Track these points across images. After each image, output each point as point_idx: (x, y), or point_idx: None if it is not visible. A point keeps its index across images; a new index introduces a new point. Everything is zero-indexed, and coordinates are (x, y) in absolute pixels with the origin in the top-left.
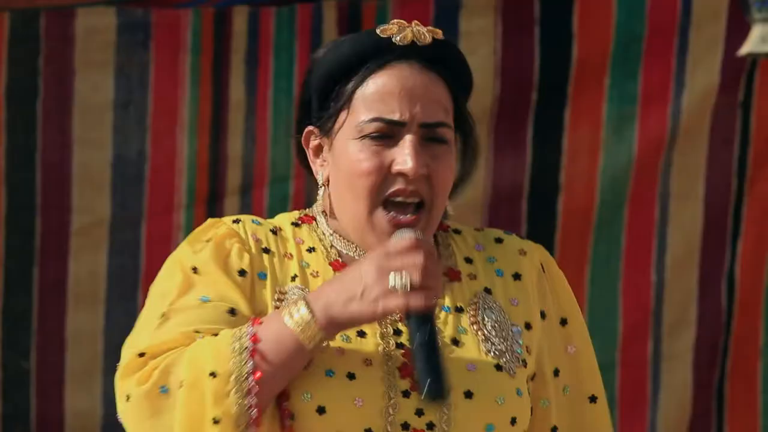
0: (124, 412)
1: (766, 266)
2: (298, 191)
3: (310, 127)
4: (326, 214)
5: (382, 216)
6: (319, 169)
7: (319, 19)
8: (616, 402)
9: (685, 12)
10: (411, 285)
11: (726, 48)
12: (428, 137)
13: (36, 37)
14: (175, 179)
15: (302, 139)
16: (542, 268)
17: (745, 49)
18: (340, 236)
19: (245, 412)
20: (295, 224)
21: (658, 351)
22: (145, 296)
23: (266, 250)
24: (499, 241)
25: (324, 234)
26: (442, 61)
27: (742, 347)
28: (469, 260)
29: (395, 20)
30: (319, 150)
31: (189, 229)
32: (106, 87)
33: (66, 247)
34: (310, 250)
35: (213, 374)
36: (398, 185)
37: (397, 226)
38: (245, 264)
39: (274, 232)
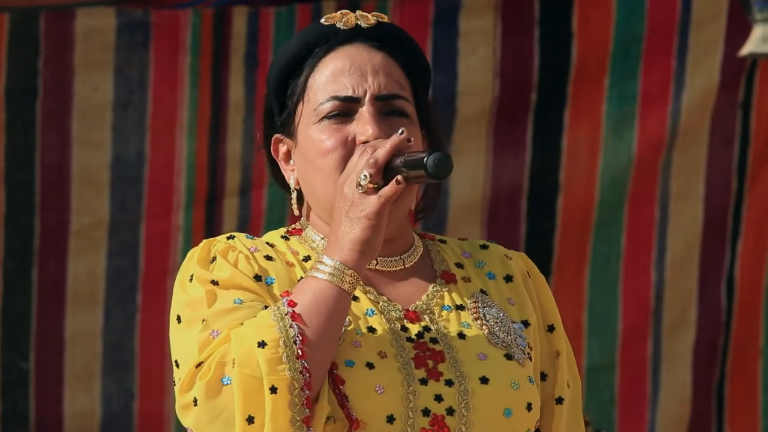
0: (195, 419)
1: (766, 266)
2: None
3: (276, 135)
4: (309, 220)
5: None
6: (290, 174)
7: (318, 19)
8: (616, 402)
9: (685, 12)
10: (370, 173)
11: (726, 48)
12: (386, 111)
13: (36, 37)
14: (174, 180)
15: (271, 150)
16: (527, 274)
17: (747, 49)
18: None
19: (299, 376)
20: (285, 237)
21: (657, 351)
22: (143, 296)
23: (269, 258)
24: (484, 247)
25: (315, 241)
26: (391, 42)
27: (742, 347)
28: (460, 265)
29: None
30: (288, 156)
31: (188, 229)
32: (106, 87)
33: (65, 248)
34: (306, 259)
35: (261, 344)
36: None
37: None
38: (256, 270)
39: (270, 245)
